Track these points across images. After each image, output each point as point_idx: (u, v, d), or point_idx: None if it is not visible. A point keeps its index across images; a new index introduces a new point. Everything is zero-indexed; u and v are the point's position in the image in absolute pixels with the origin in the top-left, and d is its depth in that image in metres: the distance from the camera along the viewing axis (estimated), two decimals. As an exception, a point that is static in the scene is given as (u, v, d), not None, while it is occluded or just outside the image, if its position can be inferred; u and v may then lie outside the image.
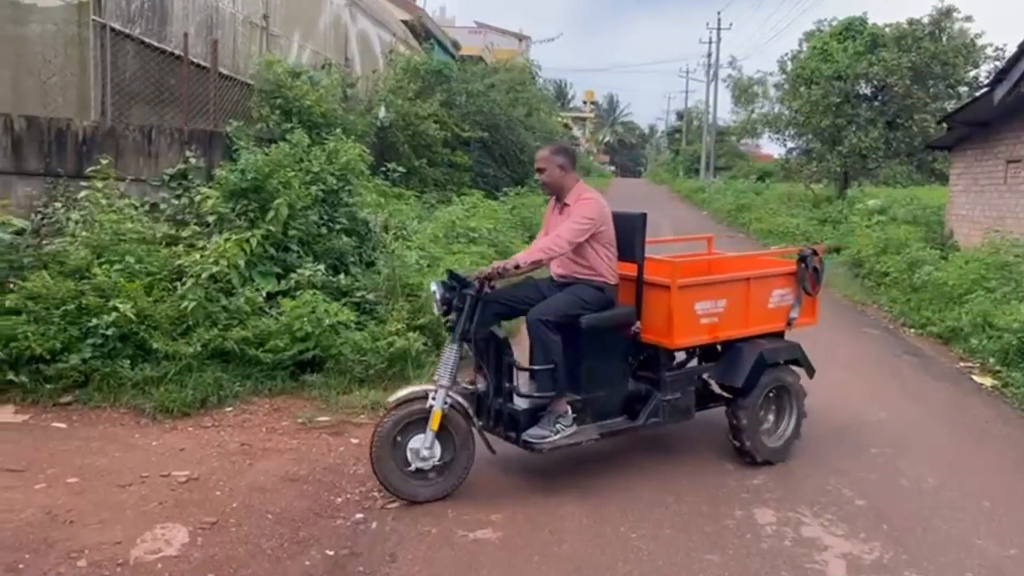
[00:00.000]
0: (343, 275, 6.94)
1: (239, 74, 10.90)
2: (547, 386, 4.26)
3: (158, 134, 7.91)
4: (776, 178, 30.75)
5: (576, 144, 42.10)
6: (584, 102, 77.56)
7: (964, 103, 13.37)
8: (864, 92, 20.00)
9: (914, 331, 8.94)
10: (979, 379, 7.03)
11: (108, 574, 3.41)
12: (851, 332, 8.91)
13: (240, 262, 6.35)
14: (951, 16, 18.87)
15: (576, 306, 4.38)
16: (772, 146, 58.01)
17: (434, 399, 4.10)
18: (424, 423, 4.10)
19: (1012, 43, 20.03)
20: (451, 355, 4.21)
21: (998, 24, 22.40)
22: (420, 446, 4.10)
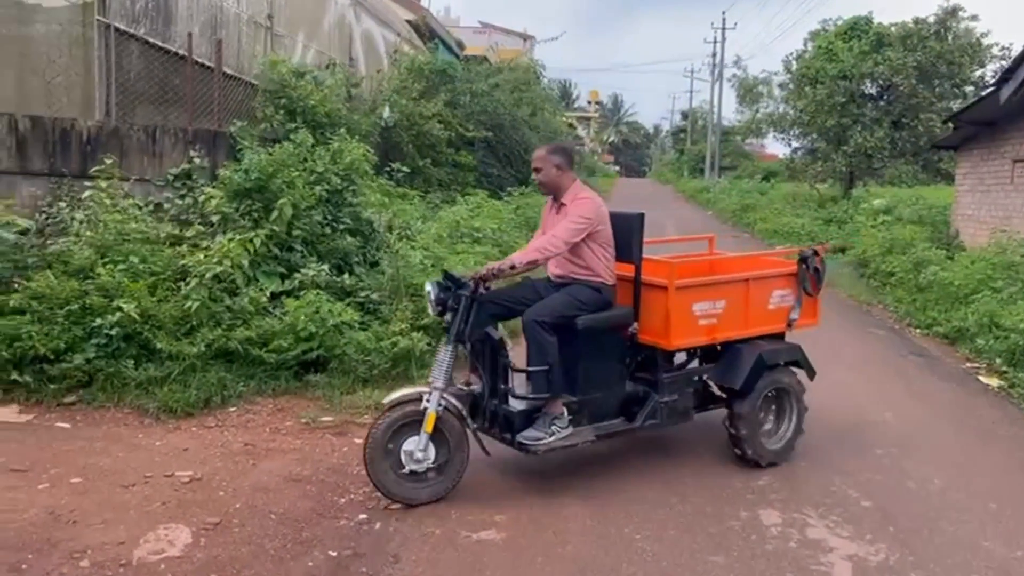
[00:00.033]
0: (347, 275, 6.94)
1: (243, 74, 10.91)
2: (542, 387, 4.23)
3: (162, 134, 7.91)
4: (781, 178, 30.76)
5: (580, 144, 42.04)
6: (589, 102, 77.53)
7: (970, 103, 13.31)
8: (869, 91, 19.97)
9: (920, 331, 8.90)
10: (985, 380, 6.99)
11: (111, 575, 3.40)
12: (856, 332, 8.88)
13: (244, 262, 6.35)
14: (957, 15, 18.85)
15: (572, 307, 4.34)
16: (777, 146, 58.04)
17: (428, 401, 4.07)
18: (418, 425, 4.07)
19: (1018, 42, 20.03)
20: (446, 356, 4.18)
21: (1004, 23, 22.37)
22: (414, 448, 4.07)
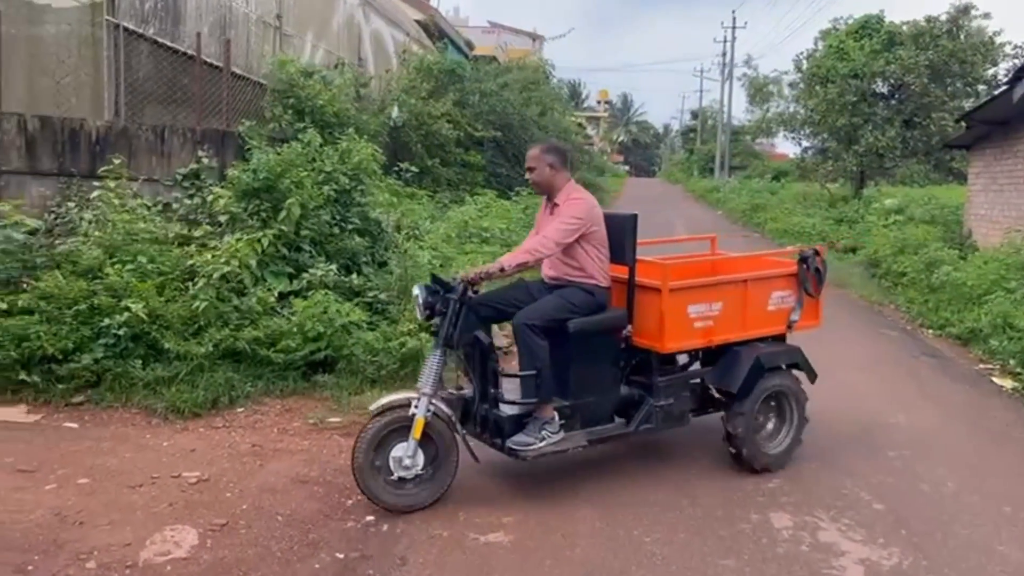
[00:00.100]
0: (355, 275, 6.92)
1: (252, 74, 10.92)
2: (531, 392, 4.17)
3: (171, 134, 7.92)
4: (791, 177, 30.60)
5: (590, 143, 41.88)
6: (598, 101, 77.40)
7: (982, 101, 13.21)
8: (881, 91, 19.84)
9: (932, 332, 8.83)
10: (999, 381, 6.92)
11: (117, 576, 3.39)
12: (868, 333, 8.81)
13: (252, 262, 6.34)
14: (969, 13, 18.69)
15: (564, 310, 4.27)
16: (787, 145, 57.62)
17: (416, 407, 4.02)
18: (407, 431, 4.02)
19: (1031, 41, 19.79)
20: (434, 361, 4.12)
21: (1017, 22, 22.20)
22: (403, 455, 4.02)
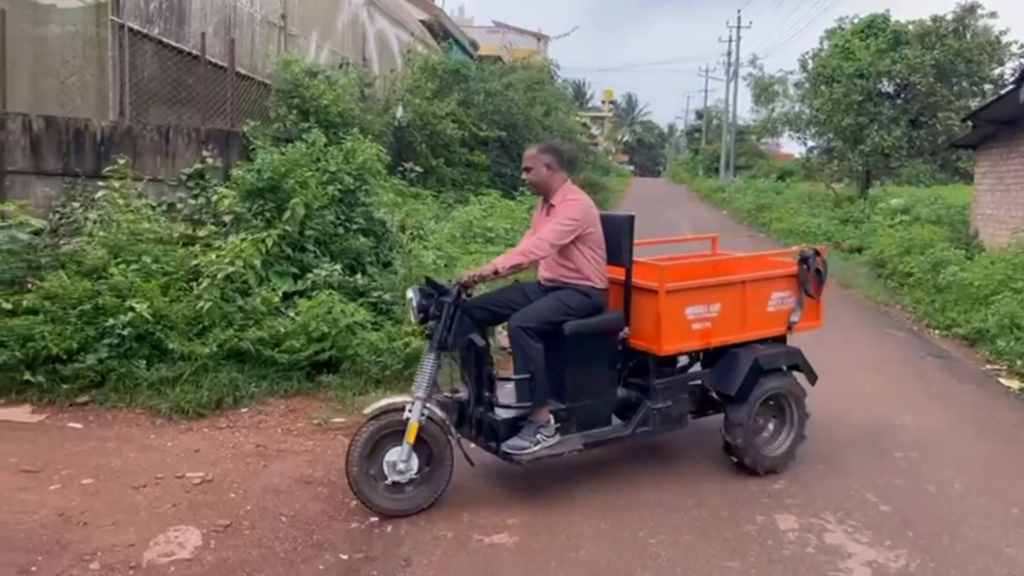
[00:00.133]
0: (360, 275, 6.92)
1: (256, 74, 10.93)
2: (525, 396, 4.13)
3: (175, 134, 7.93)
4: (797, 177, 30.58)
5: (594, 143, 41.88)
6: (603, 101, 77.44)
7: (989, 101, 13.16)
8: (887, 90, 19.78)
9: (939, 332, 8.78)
10: (1006, 382, 6.88)
11: (120, 577, 3.39)
12: (874, 333, 8.78)
13: (256, 262, 6.34)
14: (975, 13, 18.62)
15: (560, 312, 4.23)
16: (792, 145, 57.66)
17: (410, 411, 3.99)
18: (401, 435, 3.99)
19: (1038, 40, 19.70)
20: (428, 365, 4.08)
21: (1023, 21, 22.10)
22: (397, 459, 3.99)
